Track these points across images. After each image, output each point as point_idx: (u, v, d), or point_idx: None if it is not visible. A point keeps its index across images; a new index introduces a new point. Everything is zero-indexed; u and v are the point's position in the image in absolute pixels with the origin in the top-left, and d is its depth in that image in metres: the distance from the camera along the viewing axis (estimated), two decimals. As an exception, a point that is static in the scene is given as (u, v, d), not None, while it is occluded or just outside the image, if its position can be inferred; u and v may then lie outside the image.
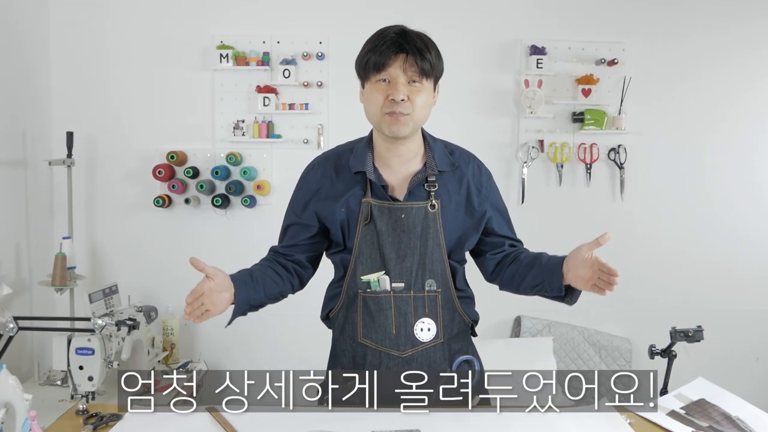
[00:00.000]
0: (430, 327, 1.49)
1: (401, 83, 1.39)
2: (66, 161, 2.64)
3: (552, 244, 3.09)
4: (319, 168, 1.55)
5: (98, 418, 1.36)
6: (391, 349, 1.48)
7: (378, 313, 1.49)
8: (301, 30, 2.87)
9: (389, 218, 1.47)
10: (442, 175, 1.50)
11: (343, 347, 1.55)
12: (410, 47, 1.38)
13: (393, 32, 1.41)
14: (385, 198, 1.48)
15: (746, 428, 1.36)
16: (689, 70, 2.98)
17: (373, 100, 1.42)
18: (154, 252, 2.92)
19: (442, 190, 1.49)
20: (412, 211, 1.47)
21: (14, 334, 1.54)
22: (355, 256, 1.49)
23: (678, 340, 2.09)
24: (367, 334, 1.50)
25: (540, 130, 2.95)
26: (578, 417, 1.37)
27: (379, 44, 1.40)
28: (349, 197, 1.49)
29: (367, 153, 1.50)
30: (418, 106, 1.41)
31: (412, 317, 1.48)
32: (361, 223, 1.48)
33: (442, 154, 1.52)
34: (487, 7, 2.92)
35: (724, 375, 1.86)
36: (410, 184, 1.48)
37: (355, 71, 1.47)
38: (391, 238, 1.47)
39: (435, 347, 1.50)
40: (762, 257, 3.07)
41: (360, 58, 1.45)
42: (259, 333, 2.96)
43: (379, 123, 1.43)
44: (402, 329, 1.48)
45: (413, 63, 1.38)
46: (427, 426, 1.31)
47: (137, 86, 2.87)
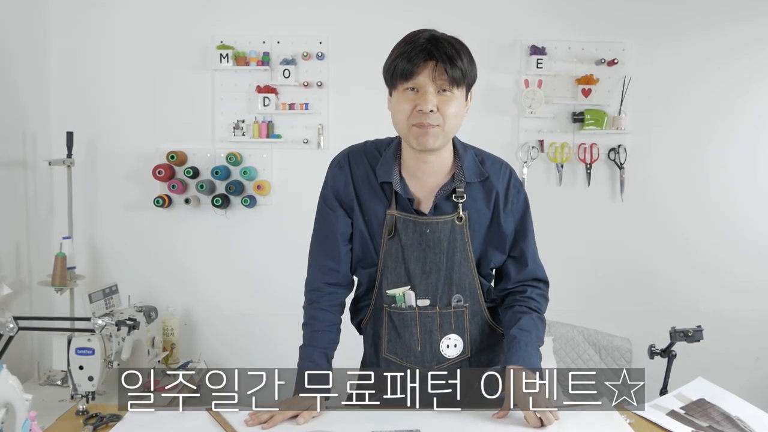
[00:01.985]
0: (457, 343, 1.45)
1: (430, 93, 1.30)
2: (66, 161, 2.63)
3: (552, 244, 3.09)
4: (346, 162, 1.47)
5: (98, 418, 1.36)
6: (417, 365, 1.45)
7: (403, 329, 1.45)
8: (301, 30, 2.87)
9: (414, 232, 1.41)
10: (470, 186, 1.42)
11: (369, 361, 1.53)
12: (440, 54, 1.29)
13: (423, 38, 1.31)
14: (410, 211, 1.42)
15: (746, 428, 1.36)
16: (689, 70, 2.98)
17: (401, 109, 1.33)
18: (154, 252, 2.92)
19: (470, 201, 1.42)
20: (438, 226, 1.41)
21: (14, 334, 1.54)
22: (381, 269, 1.45)
23: (678, 340, 2.09)
24: (392, 350, 1.48)
25: (540, 130, 2.95)
26: (578, 417, 1.37)
27: (407, 50, 1.31)
28: (375, 205, 1.43)
29: (395, 162, 1.43)
30: (448, 117, 1.32)
31: (437, 334, 1.45)
32: (386, 236, 1.43)
33: (471, 164, 1.43)
34: (487, 7, 2.92)
35: (724, 375, 1.85)
36: (436, 197, 1.41)
37: (383, 78, 1.38)
38: (417, 252, 1.42)
39: (461, 363, 1.46)
40: (762, 257, 3.07)
41: (387, 64, 1.36)
42: (259, 333, 2.96)
43: (407, 135, 1.35)
44: (428, 346, 1.45)
45: (443, 71, 1.29)
46: (427, 426, 1.31)
47: (137, 86, 2.87)
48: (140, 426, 1.33)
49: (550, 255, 3.03)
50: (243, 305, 2.95)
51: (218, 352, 2.95)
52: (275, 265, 2.90)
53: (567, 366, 2.88)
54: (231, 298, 2.95)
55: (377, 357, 1.51)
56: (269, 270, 2.93)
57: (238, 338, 2.97)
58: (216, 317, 2.97)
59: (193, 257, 2.94)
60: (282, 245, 2.88)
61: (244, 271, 2.93)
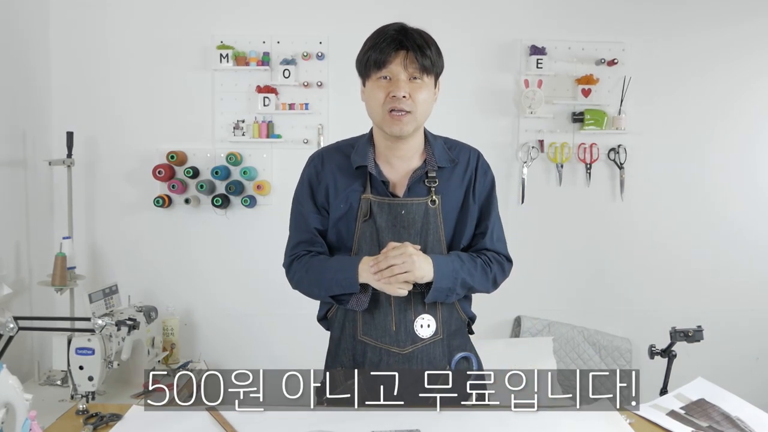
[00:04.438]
0: (430, 323, 1.48)
1: (402, 80, 1.39)
2: (66, 161, 2.64)
3: (552, 244, 3.12)
4: (319, 160, 1.55)
5: (98, 418, 1.36)
6: (392, 345, 1.48)
7: (378, 310, 1.49)
8: (301, 30, 2.87)
9: (389, 214, 1.47)
10: (443, 170, 1.50)
11: (344, 345, 1.55)
12: (410, 44, 1.39)
13: (393, 29, 1.41)
14: (385, 194, 1.48)
15: (746, 428, 1.36)
16: (689, 70, 2.98)
17: (375, 97, 1.42)
18: (154, 252, 2.93)
19: (442, 186, 1.49)
20: (413, 207, 1.47)
21: (14, 334, 1.54)
22: (354, 252, 1.49)
23: (678, 340, 2.09)
24: (367, 332, 1.50)
25: (540, 130, 2.95)
26: (578, 417, 1.37)
27: (379, 42, 1.40)
28: (350, 192, 1.49)
29: (369, 149, 1.51)
30: (419, 103, 1.41)
31: (411, 314, 1.48)
32: (360, 219, 1.48)
33: (441, 150, 1.52)
34: (487, 7, 2.92)
35: (724, 375, 1.86)
36: (410, 180, 1.48)
37: (356, 69, 1.47)
38: (391, 234, 1.47)
39: (434, 344, 1.50)
40: (762, 257, 3.07)
41: (360, 56, 1.45)
42: (259, 333, 2.96)
43: (381, 122, 1.43)
44: (402, 326, 1.48)
45: (414, 59, 1.38)
46: (427, 426, 1.31)
47: (137, 86, 2.87)
48: (140, 426, 1.33)
49: (550, 255, 3.07)
50: (243, 305, 2.95)
51: (218, 352, 2.95)
52: (275, 265, 2.86)
53: (567, 366, 2.88)
54: (231, 298, 2.95)
55: (351, 340, 1.52)
56: (269, 270, 2.91)
57: (238, 338, 2.97)
58: (216, 317, 2.97)
59: (193, 257, 2.94)
60: (282, 245, 2.86)
61: (244, 271, 2.93)
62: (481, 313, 1.63)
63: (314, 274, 1.49)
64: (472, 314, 1.61)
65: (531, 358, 2.76)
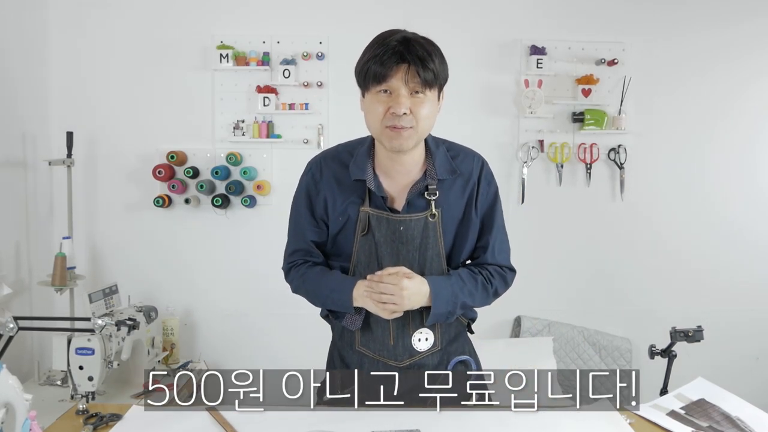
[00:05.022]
0: (428, 337, 1.47)
1: (403, 95, 1.31)
2: (66, 161, 2.64)
3: (552, 244, 3.12)
4: (317, 168, 1.50)
5: (98, 418, 1.36)
6: (389, 359, 1.47)
7: (376, 324, 1.47)
8: (301, 30, 2.87)
9: (387, 229, 1.43)
10: (443, 181, 1.44)
11: (342, 353, 1.54)
12: (412, 57, 1.30)
13: (395, 40, 1.31)
14: (384, 208, 1.43)
15: (746, 428, 1.36)
16: (689, 70, 2.98)
17: (374, 111, 1.34)
18: (154, 252, 2.93)
19: (443, 197, 1.44)
20: (411, 223, 1.43)
21: (14, 334, 1.54)
22: (354, 264, 1.47)
23: (678, 340, 2.09)
24: (364, 343, 1.49)
25: (540, 130, 2.95)
26: (578, 417, 1.37)
27: (379, 53, 1.31)
28: (348, 205, 1.45)
29: (368, 160, 1.45)
30: (421, 119, 1.33)
31: (409, 328, 1.46)
32: (359, 232, 1.45)
33: (443, 161, 1.45)
34: (487, 7, 2.92)
35: (724, 375, 1.86)
36: (409, 194, 1.43)
37: (355, 79, 1.39)
38: (390, 249, 1.43)
39: (432, 355, 1.49)
40: (762, 257, 3.07)
41: (360, 66, 1.36)
42: (259, 333, 2.96)
43: (380, 136, 1.37)
44: (400, 341, 1.46)
45: (415, 74, 1.30)
46: (427, 426, 1.31)
47: (137, 86, 2.87)
48: (140, 426, 1.33)
49: (550, 255, 3.07)
50: (243, 305, 2.95)
51: (218, 352, 2.95)
52: (275, 265, 2.85)
53: (567, 366, 2.88)
54: (231, 298, 2.95)
55: (348, 349, 1.52)
56: (269, 270, 2.90)
57: (238, 338, 2.97)
58: (216, 317, 2.97)
59: (193, 257, 2.94)
60: (282, 245, 2.86)
61: (244, 271, 2.93)
62: (481, 313, 1.63)
63: (310, 286, 1.49)
64: (474, 314, 1.59)
65: (531, 358, 2.76)
